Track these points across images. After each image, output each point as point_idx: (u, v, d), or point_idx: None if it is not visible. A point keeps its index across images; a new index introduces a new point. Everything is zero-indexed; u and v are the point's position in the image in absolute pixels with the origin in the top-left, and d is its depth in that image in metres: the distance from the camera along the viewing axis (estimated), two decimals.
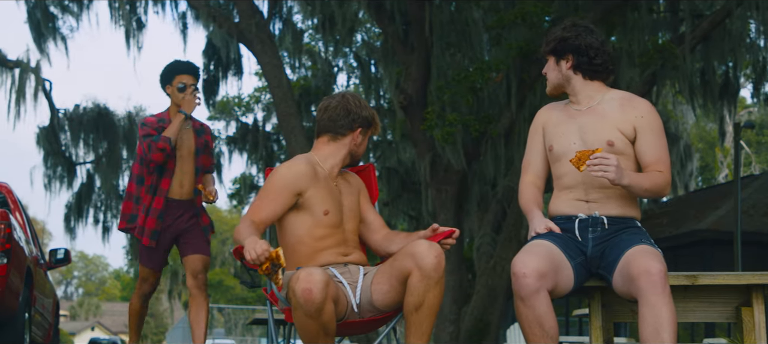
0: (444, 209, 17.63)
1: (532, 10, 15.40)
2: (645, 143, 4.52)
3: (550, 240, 4.37)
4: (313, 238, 4.62)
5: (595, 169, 4.27)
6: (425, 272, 4.31)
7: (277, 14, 20.94)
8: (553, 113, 4.70)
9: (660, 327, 4.00)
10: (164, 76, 6.96)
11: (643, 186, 4.42)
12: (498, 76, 16.42)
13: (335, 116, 4.74)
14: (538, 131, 4.73)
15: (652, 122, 4.54)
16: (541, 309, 4.16)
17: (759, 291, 4.53)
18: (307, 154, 4.82)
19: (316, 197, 4.62)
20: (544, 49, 4.72)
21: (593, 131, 4.50)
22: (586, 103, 4.62)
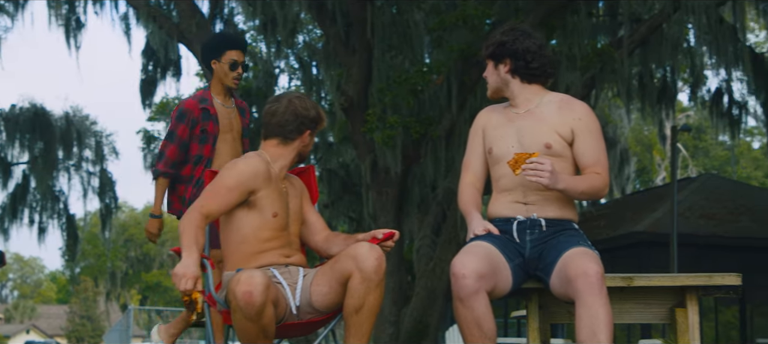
0: (384, 211, 17.64)
1: (473, 13, 15.46)
2: (583, 145, 4.56)
3: (488, 242, 4.39)
4: (258, 239, 4.60)
5: (530, 174, 4.30)
6: (366, 274, 4.31)
7: (218, 15, 20.83)
8: (493, 116, 4.74)
9: (596, 329, 4.03)
10: (212, 49, 6.36)
11: (579, 189, 4.45)
12: (439, 79, 16.47)
13: (284, 121, 4.72)
14: (478, 133, 4.75)
15: (589, 124, 4.58)
16: (480, 310, 4.18)
17: (693, 293, 4.58)
18: (259, 151, 4.79)
19: (266, 198, 4.60)
20: (483, 53, 4.76)
21: (531, 134, 4.53)
22: (524, 106, 4.66)
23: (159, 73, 21.44)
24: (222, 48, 6.30)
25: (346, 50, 18.54)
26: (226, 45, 6.33)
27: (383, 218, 17.39)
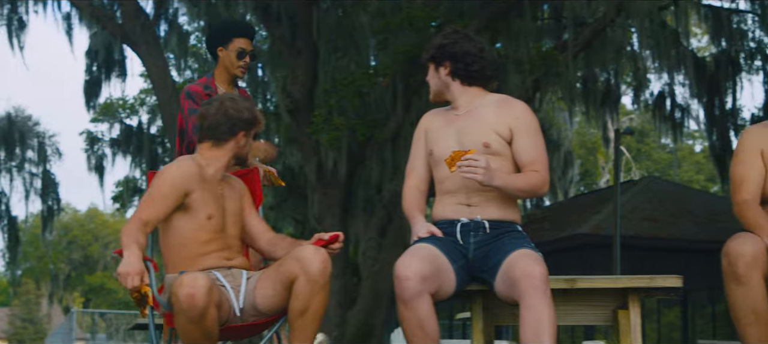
0: (330, 213, 17.62)
1: (419, 16, 15.50)
2: (521, 144, 4.58)
3: (432, 244, 4.40)
4: (197, 242, 4.57)
5: (464, 171, 4.32)
6: (311, 277, 4.30)
7: (163, 16, 20.69)
8: (435, 119, 4.76)
9: (540, 330, 4.05)
10: (219, 36, 6.06)
11: (517, 186, 4.48)
12: (384, 81, 16.49)
13: (215, 123, 4.68)
14: (420, 137, 4.77)
15: (528, 123, 4.61)
16: (423, 312, 4.19)
17: (635, 294, 4.62)
18: (193, 155, 4.76)
19: (200, 200, 4.57)
20: (424, 56, 4.78)
21: (470, 134, 4.56)
22: (464, 108, 4.68)
23: (103, 74, 21.24)
24: (229, 35, 6.00)
25: (292, 52, 18.50)
26: (234, 32, 6.03)
27: (329, 220, 17.37)
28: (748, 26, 19.42)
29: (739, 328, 4.36)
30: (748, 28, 19.45)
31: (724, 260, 4.36)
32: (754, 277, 4.30)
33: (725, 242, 4.43)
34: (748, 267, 4.29)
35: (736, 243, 4.35)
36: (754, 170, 4.63)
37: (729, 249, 4.35)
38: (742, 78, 19.62)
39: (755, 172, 4.62)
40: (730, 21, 18.97)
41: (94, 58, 21.02)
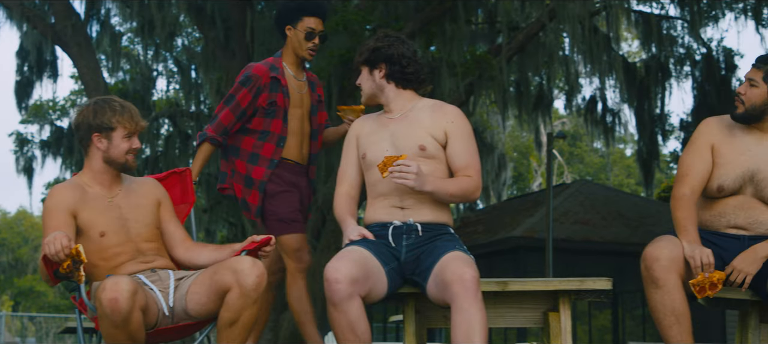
0: None
1: (353, 19, 15.50)
2: (455, 148, 4.62)
3: (363, 247, 4.41)
4: (103, 259, 4.51)
5: (396, 176, 4.34)
6: (245, 290, 4.27)
7: (95, 16, 20.44)
8: (367, 123, 4.78)
9: (471, 333, 4.08)
10: (289, 14, 5.75)
11: (449, 191, 4.51)
12: None
13: (76, 132, 4.65)
14: (351, 143, 4.78)
15: (461, 128, 4.65)
16: (354, 315, 4.19)
17: (566, 297, 4.67)
18: (78, 174, 4.71)
19: (88, 220, 4.51)
20: (357, 60, 4.79)
21: (405, 137, 4.58)
22: (399, 112, 4.70)
23: (35, 75, 20.94)
24: (300, 14, 5.73)
25: (226, 54, 18.40)
26: (304, 11, 5.73)
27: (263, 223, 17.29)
28: (677, 32, 19.68)
29: (662, 330, 4.43)
30: (678, 34, 19.71)
31: (642, 264, 4.44)
32: (672, 280, 4.37)
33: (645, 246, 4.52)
34: (664, 270, 4.37)
35: (653, 248, 4.43)
36: (701, 163, 4.70)
37: (646, 254, 4.44)
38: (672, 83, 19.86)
39: (702, 164, 4.69)
40: (660, 27, 19.22)
41: (25, 59, 20.71)
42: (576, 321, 23.31)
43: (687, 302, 4.42)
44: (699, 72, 19.46)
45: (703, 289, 4.37)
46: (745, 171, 4.65)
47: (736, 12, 18.79)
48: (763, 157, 4.65)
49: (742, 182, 4.66)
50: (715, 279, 4.36)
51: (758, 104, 4.66)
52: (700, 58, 19.59)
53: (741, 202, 4.66)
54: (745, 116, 4.70)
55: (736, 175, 4.65)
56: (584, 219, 21.53)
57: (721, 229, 4.65)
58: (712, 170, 4.70)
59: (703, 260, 4.37)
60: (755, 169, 4.64)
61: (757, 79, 4.66)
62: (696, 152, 4.74)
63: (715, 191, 4.68)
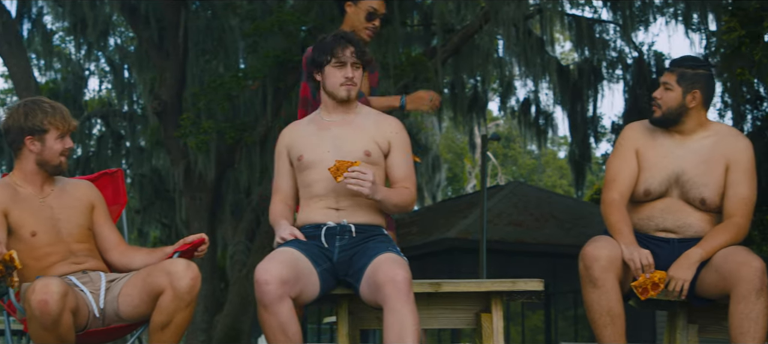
0: (198, 217, 17.45)
1: (289, 19, 15.48)
2: (396, 159, 4.67)
3: (294, 248, 4.40)
4: (34, 259, 4.45)
5: (351, 182, 4.36)
6: (178, 293, 4.24)
7: (26, 15, 20.18)
8: (299, 128, 4.76)
9: (404, 334, 4.09)
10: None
11: (393, 202, 4.55)
12: (254, 84, 16.41)
13: (6, 135, 4.60)
14: (283, 153, 4.75)
15: (403, 140, 4.71)
16: (284, 316, 4.18)
17: (498, 298, 4.70)
18: (9, 175, 4.66)
19: (19, 219, 4.46)
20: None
21: (350, 142, 4.59)
22: (341, 117, 4.69)
23: None
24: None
25: (160, 54, 18.27)
26: None
27: (196, 224, 17.20)
28: (610, 36, 19.93)
29: (596, 330, 4.47)
30: (610, 37, 19.95)
31: (581, 264, 4.47)
32: (609, 280, 4.42)
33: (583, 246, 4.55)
34: (603, 270, 4.40)
35: (592, 247, 4.47)
36: (627, 167, 4.75)
37: (585, 253, 4.47)
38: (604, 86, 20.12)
39: (628, 169, 4.75)
40: (593, 30, 19.44)
41: None
42: (509, 322, 23.48)
43: (622, 303, 4.47)
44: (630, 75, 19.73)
45: (645, 290, 4.42)
46: (670, 174, 4.71)
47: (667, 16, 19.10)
48: (686, 158, 4.72)
49: (668, 185, 4.72)
50: (657, 279, 4.41)
51: (674, 107, 4.73)
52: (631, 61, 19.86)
53: (668, 205, 4.72)
54: (662, 120, 4.76)
55: (662, 178, 4.72)
56: (518, 221, 21.69)
57: (651, 233, 4.71)
58: (638, 174, 4.76)
59: (643, 261, 4.42)
60: (680, 171, 4.70)
61: (671, 82, 4.73)
62: (622, 157, 4.79)
63: (642, 195, 4.74)
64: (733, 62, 13.72)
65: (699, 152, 4.73)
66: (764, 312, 4.30)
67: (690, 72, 4.73)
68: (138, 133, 22.10)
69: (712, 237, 4.57)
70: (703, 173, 4.68)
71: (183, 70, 17.67)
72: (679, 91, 4.72)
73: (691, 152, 4.73)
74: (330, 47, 4.63)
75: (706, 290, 4.54)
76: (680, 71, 4.73)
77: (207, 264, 17.34)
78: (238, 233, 18.51)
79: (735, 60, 13.53)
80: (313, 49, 4.71)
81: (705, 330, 4.80)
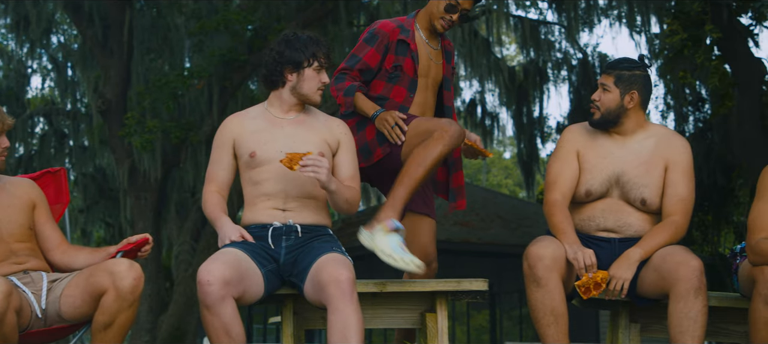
0: (142, 217, 17.33)
1: (235, 19, 15.44)
2: (344, 159, 4.69)
3: (239, 248, 4.39)
4: None
5: (308, 170, 4.35)
6: (121, 293, 4.20)
7: None
8: (247, 122, 4.72)
9: (348, 334, 4.10)
10: None
11: (345, 197, 4.57)
12: (200, 83, 16.34)
13: None
14: (226, 143, 4.70)
15: (350, 140, 4.76)
16: (227, 317, 4.17)
17: (443, 298, 4.73)
18: None
19: None
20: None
21: (303, 141, 4.58)
22: (294, 115, 4.69)
23: None
24: None
25: (104, 52, 18.12)
26: None
27: (141, 223, 17.08)
28: (555, 37, 20.09)
29: (539, 329, 4.50)
30: (556, 39, 20.12)
31: (525, 263, 4.50)
32: (553, 280, 4.45)
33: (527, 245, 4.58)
34: (547, 270, 4.44)
35: (537, 247, 4.50)
36: (568, 169, 4.80)
37: (529, 253, 4.50)
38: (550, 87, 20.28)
39: (569, 171, 4.79)
40: (539, 32, 19.58)
41: None
42: (454, 322, 23.57)
43: (566, 303, 4.51)
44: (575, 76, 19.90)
45: (588, 290, 4.46)
46: (610, 174, 4.77)
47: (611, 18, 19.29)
48: (626, 159, 4.78)
49: (608, 186, 4.77)
50: (599, 279, 4.45)
51: (613, 109, 4.79)
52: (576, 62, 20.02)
53: (609, 205, 4.77)
54: (601, 122, 4.82)
55: (603, 179, 4.77)
56: (463, 221, 21.76)
57: (592, 233, 4.76)
58: (579, 175, 4.81)
59: (587, 261, 4.46)
60: (620, 171, 4.76)
61: (609, 84, 4.79)
62: (562, 159, 4.84)
63: (583, 196, 4.79)
64: (675, 65, 13.90)
65: (639, 153, 4.79)
66: (703, 311, 4.36)
67: (627, 73, 4.79)
68: (82, 132, 21.90)
69: (652, 236, 4.63)
70: (643, 174, 4.74)
71: (128, 69, 17.54)
72: (617, 93, 4.78)
73: (631, 153, 4.79)
74: (312, 50, 4.62)
75: (647, 290, 4.60)
76: (617, 73, 4.80)
77: (152, 263, 17.23)
78: (184, 233, 18.41)
79: (677, 62, 13.71)
80: (287, 46, 4.66)
81: (647, 329, 4.86)
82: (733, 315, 4.83)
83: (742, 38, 14.69)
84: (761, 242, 4.45)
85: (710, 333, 4.84)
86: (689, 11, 12.86)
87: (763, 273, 4.40)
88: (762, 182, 4.63)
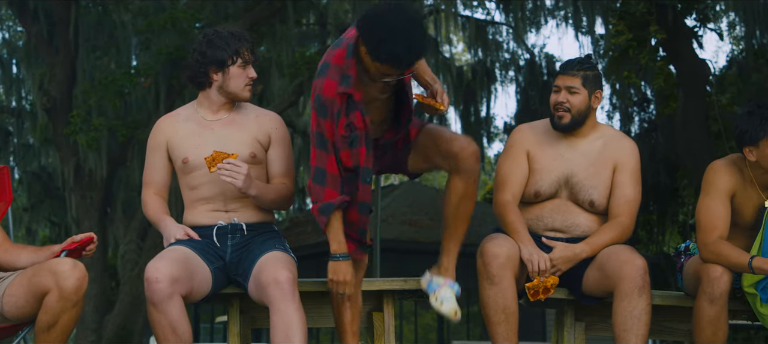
0: (88, 215, 17.18)
1: (182, 16, 15.35)
2: (275, 155, 4.64)
3: (187, 246, 4.36)
4: None
5: (225, 174, 4.31)
6: (65, 293, 4.15)
7: None
8: (178, 125, 4.65)
9: (290, 333, 4.09)
10: (374, 48, 4.08)
11: (270, 198, 4.52)
12: (146, 81, 16.23)
13: None
14: (160, 146, 4.64)
15: (283, 135, 4.70)
16: (174, 315, 4.15)
17: (390, 297, 4.74)
18: None
19: None
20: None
21: (235, 143, 4.54)
22: (224, 116, 4.64)
23: None
24: (386, 55, 4.11)
25: (50, 49, 17.95)
26: (389, 56, 4.09)
27: (87, 222, 16.93)
28: (503, 38, 20.20)
29: (490, 327, 4.51)
30: (503, 39, 20.22)
31: (479, 260, 4.51)
32: (507, 278, 4.47)
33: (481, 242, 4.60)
34: (501, 268, 4.45)
35: (491, 244, 4.51)
36: (518, 169, 4.81)
37: (484, 250, 4.51)
38: (497, 87, 20.39)
39: (519, 171, 4.81)
40: (487, 32, 19.67)
41: None
42: (402, 320, 23.59)
43: (517, 301, 4.53)
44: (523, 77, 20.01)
45: (536, 293, 4.48)
46: (560, 176, 4.79)
47: (558, 19, 19.43)
48: (576, 161, 4.80)
49: (557, 186, 4.80)
50: (549, 284, 4.48)
51: (583, 109, 4.80)
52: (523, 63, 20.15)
53: (557, 206, 4.80)
54: (571, 125, 4.79)
55: (552, 181, 4.79)
56: (412, 220, 21.81)
57: (540, 232, 4.78)
58: (529, 176, 4.83)
59: (541, 266, 4.48)
60: (569, 173, 4.79)
61: (576, 85, 4.78)
62: (512, 159, 4.85)
63: (532, 196, 4.81)
64: (620, 65, 14.03)
65: (588, 155, 4.82)
66: (647, 309, 4.41)
67: (591, 74, 4.81)
68: (26, 130, 21.66)
69: (598, 235, 4.67)
70: (593, 175, 4.77)
71: (73, 66, 17.38)
72: (585, 94, 4.79)
73: (580, 154, 4.82)
74: (235, 47, 4.56)
75: (591, 288, 4.64)
76: (583, 74, 4.78)
77: (97, 263, 17.09)
78: (130, 232, 18.28)
79: (623, 63, 13.83)
80: (209, 45, 4.59)
81: (592, 327, 4.90)
82: (677, 314, 4.89)
83: (687, 39, 14.85)
84: (719, 243, 4.50)
85: (655, 332, 4.89)
86: (635, 12, 12.98)
87: (707, 272, 4.46)
88: (707, 179, 4.69)
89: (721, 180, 4.66)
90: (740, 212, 4.67)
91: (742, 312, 4.79)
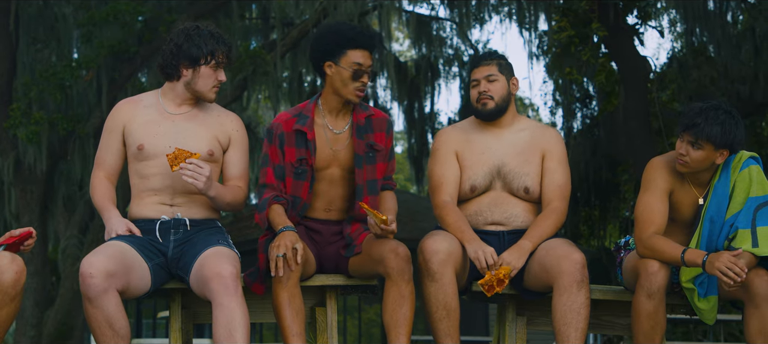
0: (28, 210, 16.97)
1: (125, 9, 15.22)
2: (234, 157, 4.66)
3: (125, 241, 4.35)
4: None
5: (187, 174, 4.31)
6: (2, 287, 4.12)
7: None
8: (139, 111, 4.65)
9: (233, 329, 4.09)
10: (329, 46, 4.59)
11: (226, 200, 4.54)
12: (88, 75, 16.07)
13: None
14: (117, 128, 4.64)
15: (243, 138, 4.72)
16: (110, 310, 4.13)
17: (332, 292, 4.75)
18: None
19: None
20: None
21: (194, 138, 4.54)
22: (185, 110, 4.62)
23: None
24: (344, 45, 4.58)
25: None
26: (349, 42, 4.58)
27: (27, 217, 16.73)
28: (446, 33, 20.26)
29: (432, 323, 4.55)
30: (447, 35, 20.28)
31: (420, 257, 4.54)
32: (447, 274, 4.50)
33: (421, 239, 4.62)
34: (442, 264, 4.48)
35: (432, 241, 4.54)
36: (450, 170, 4.86)
37: (424, 247, 4.54)
38: (441, 83, 20.45)
39: (451, 172, 4.86)
40: (431, 27, 19.72)
41: None
42: (346, 316, 23.61)
43: (458, 297, 4.56)
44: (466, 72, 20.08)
45: (491, 287, 4.50)
46: (491, 167, 4.86)
47: (502, 15, 19.52)
48: (505, 151, 4.88)
49: (491, 178, 4.86)
50: (502, 275, 4.51)
51: (504, 95, 4.90)
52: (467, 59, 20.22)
53: (494, 198, 4.86)
54: (495, 111, 4.89)
55: (485, 173, 4.85)
56: None
57: (480, 227, 4.82)
58: (461, 174, 4.88)
59: (489, 260, 4.52)
60: (500, 163, 4.86)
61: (494, 72, 4.88)
62: (442, 161, 4.91)
63: (468, 192, 4.86)
64: (563, 61, 14.13)
65: (516, 144, 4.90)
66: (586, 303, 4.47)
67: (504, 62, 4.95)
68: None
69: (537, 227, 4.73)
70: (523, 163, 4.85)
71: (13, 59, 17.15)
72: (504, 79, 4.91)
73: (508, 144, 4.89)
74: (211, 48, 4.53)
75: (532, 283, 4.69)
76: (498, 61, 4.92)
77: (38, 257, 16.90)
78: (71, 226, 18.08)
79: (565, 59, 13.94)
80: (186, 39, 4.54)
81: (533, 322, 4.95)
82: (616, 308, 4.95)
83: (628, 37, 15.01)
84: (653, 238, 4.56)
85: (594, 326, 4.96)
86: (577, 9, 13.09)
87: (645, 267, 4.52)
88: (646, 175, 4.76)
89: (660, 177, 4.73)
90: (678, 209, 4.74)
91: (681, 306, 4.87)
